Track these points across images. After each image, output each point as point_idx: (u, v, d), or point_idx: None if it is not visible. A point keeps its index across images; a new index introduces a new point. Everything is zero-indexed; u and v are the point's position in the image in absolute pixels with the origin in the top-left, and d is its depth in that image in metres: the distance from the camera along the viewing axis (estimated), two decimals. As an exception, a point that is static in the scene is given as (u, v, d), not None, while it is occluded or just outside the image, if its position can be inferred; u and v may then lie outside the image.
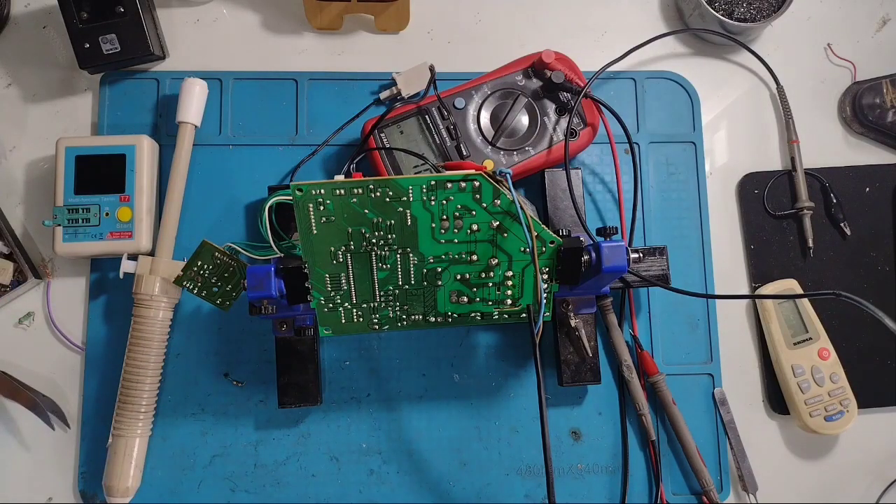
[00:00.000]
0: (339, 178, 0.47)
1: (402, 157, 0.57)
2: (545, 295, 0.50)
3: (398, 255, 0.49)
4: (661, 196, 0.63)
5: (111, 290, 0.59)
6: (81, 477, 0.56)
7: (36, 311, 0.59)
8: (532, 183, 0.60)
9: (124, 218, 0.56)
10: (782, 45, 0.67)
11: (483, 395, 0.59)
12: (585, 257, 0.48)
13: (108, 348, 0.58)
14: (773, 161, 0.65)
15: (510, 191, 0.46)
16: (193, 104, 0.59)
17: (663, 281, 0.56)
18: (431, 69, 0.60)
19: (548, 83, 0.59)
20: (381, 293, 0.51)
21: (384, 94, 0.61)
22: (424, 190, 0.47)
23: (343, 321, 0.52)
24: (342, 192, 0.46)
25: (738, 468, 0.59)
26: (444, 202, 0.47)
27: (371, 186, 0.46)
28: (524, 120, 0.59)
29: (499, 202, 0.47)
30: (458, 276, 0.50)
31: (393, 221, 0.48)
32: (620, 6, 0.67)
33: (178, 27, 0.64)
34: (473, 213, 0.48)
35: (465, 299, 0.51)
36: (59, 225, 0.55)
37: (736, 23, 0.63)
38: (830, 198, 0.64)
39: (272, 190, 0.57)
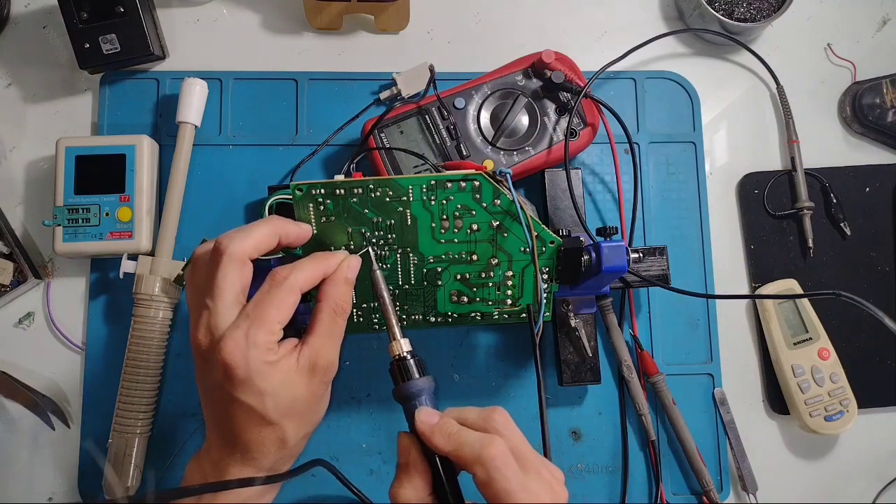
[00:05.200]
0: (339, 177, 0.47)
1: (402, 157, 0.57)
2: (545, 295, 0.50)
3: (398, 255, 0.49)
4: (661, 196, 0.63)
5: (111, 290, 0.59)
6: (81, 476, 0.56)
7: (36, 311, 0.59)
8: (532, 183, 0.60)
9: (124, 218, 0.56)
10: (782, 45, 0.67)
11: (483, 395, 0.59)
12: (585, 257, 0.48)
13: (108, 348, 0.58)
14: (773, 161, 0.65)
15: (510, 191, 0.46)
16: (193, 104, 0.59)
17: (663, 281, 0.56)
18: (431, 69, 0.60)
19: (548, 83, 0.59)
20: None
21: (384, 94, 0.61)
22: (424, 190, 0.47)
23: (343, 321, 0.52)
24: (342, 191, 0.46)
25: (738, 468, 0.59)
26: (444, 202, 0.47)
27: (371, 186, 0.46)
28: (524, 120, 0.59)
29: (499, 202, 0.47)
30: (458, 276, 0.50)
31: (393, 221, 0.48)
32: (620, 6, 0.67)
33: (178, 27, 0.64)
34: (473, 212, 0.48)
35: (465, 299, 0.51)
36: (59, 225, 0.55)
37: (736, 23, 0.63)
38: (830, 198, 0.64)
39: (272, 190, 0.57)
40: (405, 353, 0.42)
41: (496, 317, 0.52)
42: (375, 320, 0.52)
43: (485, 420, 0.39)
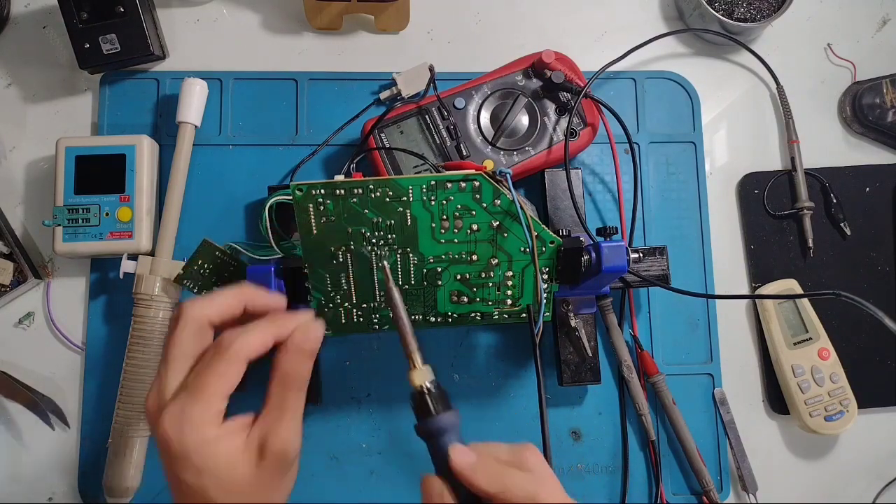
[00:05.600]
0: (339, 178, 0.47)
1: (402, 157, 0.57)
2: (545, 295, 0.50)
3: (398, 255, 0.49)
4: (661, 196, 0.63)
5: (111, 290, 0.59)
6: (81, 477, 0.56)
7: (36, 311, 0.59)
8: (532, 183, 0.60)
9: (124, 218, 0.56)
10: (782, 45, 0.67)
11: (483, 395, 0.59)
12: (585, 257, 0.48)
13: (108, 348, 0.58)
14: (773, 161, 0.65)
15: (510, 191, 0.46)
16: (193, 104, 0.59)
17: (663, 281, 0.56)
18: (431, 69, 0.60)
19: (548, 83, 0.59)
20: (382, 293, 0.51)
21: (384, 94, 0.61)
22: (424, 190, 0.47)
23: (343, 321, 0.52)
24: (342, 192, 0.46)
25: (738, 468, 0.59)
26: (444, 202, 0.47)
27: (371, 186, 0.46)
28: (524, 120, 0.59)
29: (499, 202, 0.47)
30: (458, 276, 0.50)
31: (393, 221, 0.48)
32: (620, 6, 0.67)
33: (178, 27, 0.64)
34: (473, 212, 0.48)
35: (465, 299, 0.51)
36: (59, 225, 0.55)
37: (736, 23, 0.63)
38: (830, 198, 0.64)
39: (272, 190, 0.57)
40: (429, 385, 0.38)
41: (496, 317, 0.52)
42: (375, 320, 0.52)
43: (518, 457, 0.37)
